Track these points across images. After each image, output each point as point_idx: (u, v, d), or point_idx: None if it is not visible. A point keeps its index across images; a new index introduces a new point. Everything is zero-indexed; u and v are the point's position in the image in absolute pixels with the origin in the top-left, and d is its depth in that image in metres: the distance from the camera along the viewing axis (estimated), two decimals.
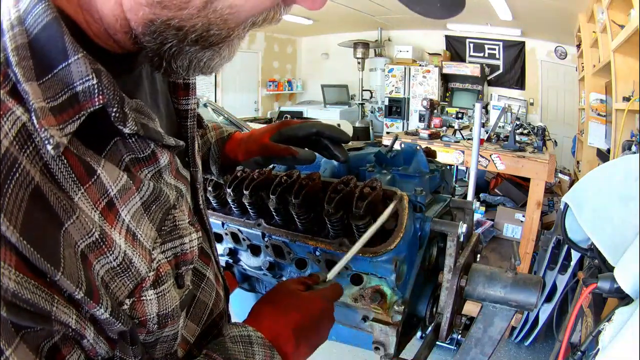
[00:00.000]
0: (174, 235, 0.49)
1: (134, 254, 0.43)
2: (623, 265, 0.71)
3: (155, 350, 0.51)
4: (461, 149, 3.09)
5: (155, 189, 0.47)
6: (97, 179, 0.40)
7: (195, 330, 0.60)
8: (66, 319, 0.36)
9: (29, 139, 0.35)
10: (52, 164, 0.37)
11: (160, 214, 0.48)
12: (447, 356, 2.52)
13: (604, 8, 2.89)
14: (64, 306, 0.36)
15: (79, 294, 0.37)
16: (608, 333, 0.69)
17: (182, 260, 0.50)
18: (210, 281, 0.63)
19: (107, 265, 0.41)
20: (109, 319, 0.40)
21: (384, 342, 0.79)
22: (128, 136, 0.44)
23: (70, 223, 0.37)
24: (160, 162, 0.48)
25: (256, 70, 7.79)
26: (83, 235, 0.38)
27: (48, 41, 0.37)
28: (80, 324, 0.38)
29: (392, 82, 7.04)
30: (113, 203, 0.42)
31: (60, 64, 0.37)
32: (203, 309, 0.61)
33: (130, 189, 0.44)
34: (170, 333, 0.51)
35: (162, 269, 0.46)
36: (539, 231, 2.88)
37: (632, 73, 2.54)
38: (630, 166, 0.82)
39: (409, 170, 1.03)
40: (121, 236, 0.42)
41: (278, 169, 1.08)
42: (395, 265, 0.77)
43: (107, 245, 0.41)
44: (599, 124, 3.49)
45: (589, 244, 1.00)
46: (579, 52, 4.61)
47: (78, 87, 0.38)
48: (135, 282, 0.43)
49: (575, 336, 1.28)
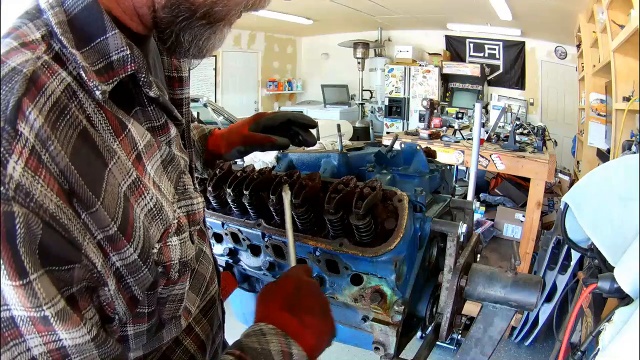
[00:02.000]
0: (185, 196, 0.55)
1: (163, 200, 0.49)
2: (623, 265, 0.71)
3: (164, 309, 0.56)
4: (461, 149, 3.09)
5: (170, 153, 0.54)
6: (128, 132, 0.47)
7: (195, 300, 0.64)
8: (94, 258, 0.40)
9: (74, 95, 0.41)
10: (94, 116, 0.42)
11: (175, 175, 0.54)
12: (447, 356, 2.52)
13: (604, 8, 2.89)
14: (94, 246, 0.40)
15: (112, 228, 0.41)
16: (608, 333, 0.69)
17: (192, 220, 0.56)
18: (207, 255, 0.68)
19: (146, 208, 0.46)
20: (136, 262, 0.44)
21: (384, 342, 0.79)
22: (148, 103, 0.51)
23: (113, 163, 0.43)
24: (171, 132, 0.55)
25: (256, 70, 7.79)
26: (124, 176, 0.44)
27: (88, 19, 0.44)
28: (105, 269, 0.41)
29: (392, 82, 7.04)
30: (141, 156, 0.48)
31: (98, 37, 0.44)
32: (202, 280, 0.66)
33: (153, 146, 0.50)
34: (179, 292, 0.56)
35: (181, 220, 0.52)
36: (539, 231, 2.88)
37: (632, 73, 2.54)
38: (630, 166, 0.82)
39: (409, 170, 1.04)
40: (150, 184, 0.48)
41: (278, 168, 1.09)
42: (395, 265, 0.77)
43: (144, 186, 0.47)
44: (599, 124, 3.49)
45: (589, 244, 1.00)
46: (579, 52, 4.61)
47: (114, 56, 0.45)
48: (165, 227, 0.49)
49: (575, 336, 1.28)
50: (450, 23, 6.47)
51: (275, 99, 8.25)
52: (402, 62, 7.00)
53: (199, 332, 0.67)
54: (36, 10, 0.44)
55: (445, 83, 6.93)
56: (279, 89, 8.04)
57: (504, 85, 6.81)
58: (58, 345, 0.38)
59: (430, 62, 6.92)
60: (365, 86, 7.34)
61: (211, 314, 0.70)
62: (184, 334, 0.63)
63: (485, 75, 6.71)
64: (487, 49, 6.78)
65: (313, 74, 8.44)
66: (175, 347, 0.62)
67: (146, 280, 0.47)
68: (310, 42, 8.43)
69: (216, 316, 0.73)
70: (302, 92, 8.58)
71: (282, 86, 8.11)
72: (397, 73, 6.97)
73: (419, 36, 7.21)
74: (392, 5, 5.81)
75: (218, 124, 4.98)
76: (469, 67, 6.71)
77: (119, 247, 0.42)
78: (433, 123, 3.95)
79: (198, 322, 0.67)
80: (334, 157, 1.02)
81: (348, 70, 7.35)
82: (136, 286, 0.46)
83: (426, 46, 7.21)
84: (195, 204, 0.57)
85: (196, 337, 0.66)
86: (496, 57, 6.76)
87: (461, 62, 6.88)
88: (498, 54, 6.72)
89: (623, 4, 2.64)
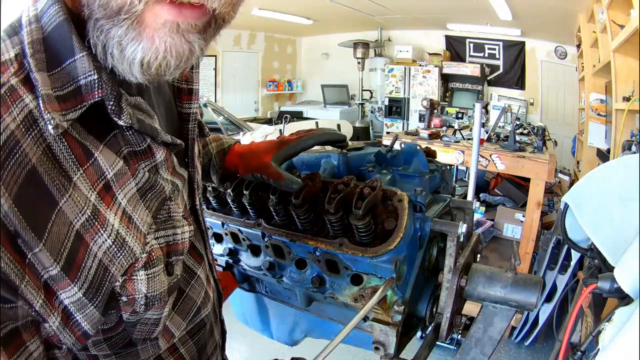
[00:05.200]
0: (167, 225, 0.52)
1: (127, 234, 0.46)
2: (623, 265, 0.71)
3: (134, 330, 0.53)
4: (461, 149, 3.09)
5: (151, 179, 0.50)
6: (94, 161, 0.44)
7: (180, 324, 0.61)
8: (31, 299, 0.40)
9: (35, 123, 0.39)
10: (54, 145, 0.41)
11: (156, 202, 0.51)
12: (447, 356, 2.52)
13: (604, 8, 2.89)
14: (32, 287, 0.40)
15: (55, 269, 0.41)
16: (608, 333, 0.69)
17: (173, 250, 0.53)
18: (200, 280, 0.65)
19: (104, 245, 0.44)
20: (81, 300, 0.43)
21: (384, 342, 0.79)
22: (125, 129, 0.47)
23: (64, 202, 0.41)
24: (156, 157, 0.51)
25: (256, 70, 7.79)
26: (77, 214, 0.42)
27: (59, 39, 0.42)
28: (45, 309, 0.41)
29: (392, 82, 7.04)
30: (110, 186, 0.45)
31: (67, 59, 0.42)
32: (191, 305, 0.63)
33: (126, 174, 0.47)
34: (152, 317, 0.53)
35: (154, 253, 0.49)
36: (539, 231, 2.88)
37: (632, 73, 2.54)
38: (630, 166, 0.82)
39: (409, 170, 1.03)
40: (116, 217, 0.45)
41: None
42: (395, 265, 0.77)
43: (100, 222, 0.44)
44: (599, 124, 3.49)
45: (589, 244, 1.00)
46: (579, 52, 4.61)
47: (81, 80, 0.42)
48: (129, 262, 0.46)
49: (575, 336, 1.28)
50: (450, 23, 6.47)
51: (275, 99, 8.25)
52: (402, 62, 7.00)
53: (184, 353, 0.64)
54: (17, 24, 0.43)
55: (445, 83, 6.93)
56: (279, 89, 8.04)
57: (504, 85, 6.81)
58: None
59: (430, 62, 6.92)
60: (365, 86, 7.34)
61: (200, 336, 0.67)
62: (167, 353, 0.61)
63: (485, 75, 6.71)
64: (487, 49, 6.78)
65: (313, 74, 8.44)
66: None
67: (94, 317, 0.45)
68: (310, 42, 8.43)
69: (210, 338, 0.71)
70: (302, 92, 8.58)
71: (282, 86, 8.11)
72: (397, 73, 6.97)
73: (419, 36, 7.21)
74: (392, 5, 5.81)
75: (218, 124, 4.98)
76: (469, 67, 6.71)
77: (63, 286, 0.42)
78: (433, 123, 3.95)
79: (183, 343, 0.64)
80: (334, 157, 1.02)
81: (348, 70, 7.35)
82: (85, 322, 0.45)
83: (426, 46, 7.21)
84: (179, 234, 0.53)
85: (180, 357, 0.63)
86: (496, 57, 6.75)
87: (461, 62, 6.88)
88: (498, 54, 6.72)
89: (623, 4, 2.64)
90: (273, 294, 1.03)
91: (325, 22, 6.96)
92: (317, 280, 0.85)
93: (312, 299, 0.92)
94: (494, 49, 6.73)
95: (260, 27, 7.25)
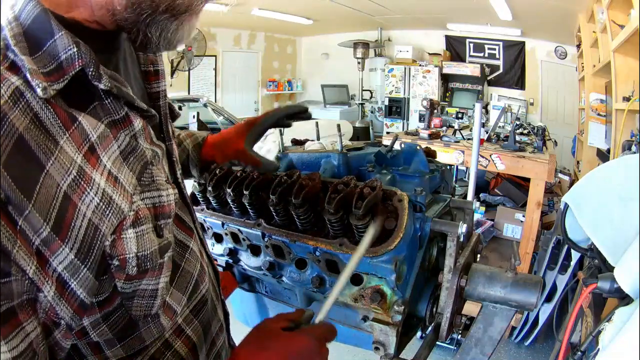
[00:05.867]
0: (152, 188, 0.55)
1: (114, 193, 0.49)
2: (623, 265, 0.71)
3: (132, 305, 0.54)
4: (461, 149, 3.09)
5: (131, 143, 0.54)
6: (78, 124, 0.48)
7: (181, 299, 0.62)
8: (24, 265, 0.41)
9: (22, 96, 0.43)
10: (41, 113, 0.45)
11: (138, 166, 0.54)
12: (447, 356, 2.52)
13: (604, 8, 2.89)
14: (24, 253, 0.41)
15: (45, 230, 0.42)
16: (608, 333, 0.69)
17: (160, 213, 0.55)
18: (194, 252, 0.66)
19: (92, 204, 0.46)
20: (74, 262, 0.45)
21: (384, 342, 0.79)
22: (104, 96, 0.51)
23: (51, 164, 0.44)
24: (134, 125, 0.55)
25: (256, 70, 7.79)
26: (63, 175, 0.45)
27: (39, 27, 0.47)
28: (39, 275, 0.42)
29: (392, 82, 7.03)
30: (94, 148, 0.48)
31: (48, 41, 0.47)
32: (188, 278, 0.64)
33: (108, 136, 0.51)
34: (148, 287, 0.54)
35: (141, 212, 0.51)
36: (539, 231, 2.88)
37: (632, 73, 2.54)
38: (630, 166, 0.82)
39: (409, 170, 1.04)
40: (102, 177, 0.48)
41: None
42: (395, 265, 0.77)
43: (86, 182, 0.46)
44: (599, 124, 3.49)
45: (589, 244, 1.00)
46: (579, 52, 4.61)
47: (62, 56, 0.47)
48: (119, 219, 0.49)
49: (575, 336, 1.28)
50: (450, 23, 6.47)
51: (275, 99, 8.25)
52: (402, 62, 6.99)
53: (190, 334, 0.65)
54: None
55: (445, 83, 6.93)
56: (279, 89, 8.04)
57: (504, 85, 6.81)
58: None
59: (430, 62, 6.92)
60: (365, 86, 7.34)
61: (203, 314, 0.68)
62: (174, 337, 0.62)
63: (485, 75, 6.71)
64: (487, 49, 6.78)
65: (313, 74, 8.44)
66: (164, 350, 0.60)
67: (88, 281, 0.47)
68: (310, 42, 8.43)
69: (214, 317, 0.72)
70: (302, 92, 8.58)
71: (282, 86, 8.10)
72: (397, 73, 6.97)
73: (419, 36, 7.20)
74: (392, 5, 5.81)
75: (218, 124, 4.98)
76: (469, 67, 6.71)
77: (55, 248, 0.43)
78: (433, 123, 3.95)
79: (189, 323, 0.65)
80: (334, 157, 1.02)
81: (348, 70, 7.35)
82: (81, 289, 0.46)
83: (426, 46, 7.21)
84: (164, 196, 0.56)
85: (187, 339, 0.64)
86: (496, 57, 6.75)
87: (461, 62, 6.88)
88: (498, 54, 6.72)
89: (623, 4, 2.64)
90: (273, 294, 1.03)
91: (325, 22, 6.96)
92: (317, 280, 0.85)
93: (312, 299, 0.93)
94: (494, 49, 6.73)
95: (260, 27, 7.25)
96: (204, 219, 1.00)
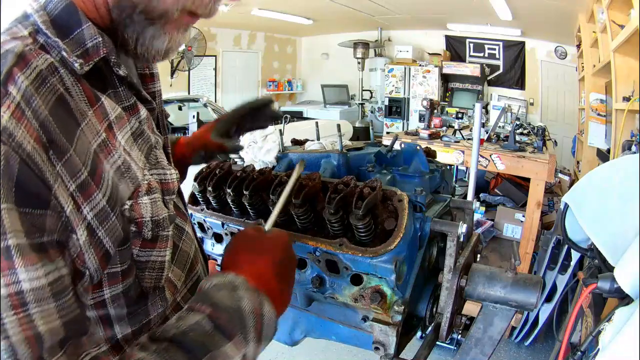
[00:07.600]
0: (157, 167, 0.60)
1: (131, 162, 0.54)
2: (623, 265, 0.71)
3: (144, 276, 0.58)
4: (461, 149, 3.09)
5: (140, 128, 0.59)
6: (101, 104, 0.53)
7: (180, 275, 0.68)
8: (63, 202, 0.44)
9: (56, 70, 0.48)
10: (71, 88, 0.49)
11: (145, 147, 0.59)
12: (447, 356, 2.52)
13: (604, 8, 2.89)
14: (64, 191, 0.44)
15: (83, 174, 0.46)
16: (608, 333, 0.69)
17: (165, 189, 0.60)
18: (189, 235, 0.72)
19: (115, 165, 0.51)
20: (105, 209, 0.48)
21: (384, 342, 0.79)
22: (119, 84, 0.57)
23: (85, 124, 0.49)
24: (140, 113, 0.60)
25: (256, 70, 7.79)
26: (94, 136, 0.50)
27: (68, 17, 0.52)
28: (75, 215, 0.45)
29: (392, 82, 7.03)
30: (112, 126, 0.53)
31: (76, 30, 0.52)
32: (186, 257, 0.70)
33: (123, 118, 0.56)
34: (157, 258, 0.59)
35: (152, 183, 0.57)
36: (539, 231, 2.88)
37: (632, 73, 2.54)
38: (630, 166, 0.82)
39: (409, 170, 1.04)
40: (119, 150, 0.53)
41: (278, 168, 1.08)
42: (395, 265, 0.77)
43: (112, 146, 0.52)
44: (599, 124, 3.49)
45: (589, 244, 1.00)
46: (579, 52, 4.61)
47: (89, 44, 0.52)
48: (135, 186, 0.54)
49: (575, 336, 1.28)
50: (450, 23, 6.47)
51: (275, 99, 8.25)
52: (402, 62, 6.99)
53: None
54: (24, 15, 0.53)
55: (445, 83, 6.92)
56: (279, 89, 8.04)
57: (504, 85, 6.81)
58: (17, 289, 0.39)
59: (430, 62, 6.92)
60: (365, 86, 7.33)
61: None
62: (173, 313, 0.64)
63: (485, 75, 6.71)
64: (487, 49, 6.78)
65: (313, 74, 8.44)
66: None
67: (115, 230, 0.50)
68: (310, 42, 8.42)
69: None
70: (302, 92, 8.57)
71: (282, 86, 8.10)
72: (397, 73, 6.97)
73: (419, 36, 7.20)
74: (392, 5, 5.81)
75: None
76: (469, 67, 6.70)
77: (90, 193, 0.47)
78: (433, 123, 3.95)
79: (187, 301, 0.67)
80: (334, 157, 1.02)
81: (348, 70, 7.34)
82: (107, 238, 0.49)
83: (426, 46, 7.21)
84: (168, 174, 0.61)
85: None
86: (496, 57, 6.75)
87: (461, 62, 6.88)
88: (498, 54, 6.72)
89: (623, 4, 2.64)
90: None
91: (325, 22, 6.96)
92: (317, 280, 0.85)
93: (312, 299, 0.93)
94: (494, 49, 6.73)
95: (260, 27, 7.25)
96: (204, 219, 1.00)
